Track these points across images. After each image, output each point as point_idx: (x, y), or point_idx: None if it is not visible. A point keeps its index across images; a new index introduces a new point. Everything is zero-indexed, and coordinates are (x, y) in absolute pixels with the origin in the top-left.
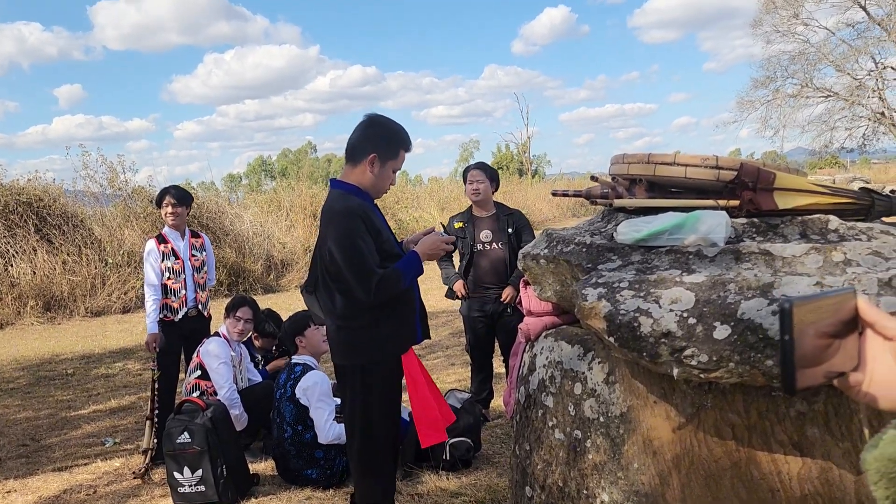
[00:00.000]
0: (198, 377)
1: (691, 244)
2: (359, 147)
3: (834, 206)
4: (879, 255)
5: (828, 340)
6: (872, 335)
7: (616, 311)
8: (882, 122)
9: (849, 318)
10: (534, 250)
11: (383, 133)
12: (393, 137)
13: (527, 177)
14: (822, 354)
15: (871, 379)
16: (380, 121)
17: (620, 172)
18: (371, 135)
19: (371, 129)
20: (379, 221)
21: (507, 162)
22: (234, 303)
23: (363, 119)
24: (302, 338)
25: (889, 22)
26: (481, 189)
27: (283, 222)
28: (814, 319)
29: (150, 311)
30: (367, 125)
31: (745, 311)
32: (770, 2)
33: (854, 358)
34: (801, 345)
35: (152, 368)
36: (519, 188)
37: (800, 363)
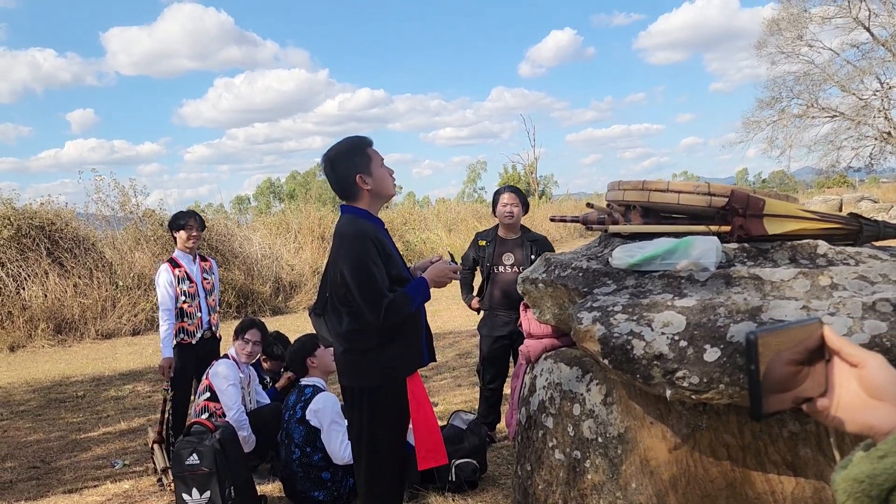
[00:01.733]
0: (207, 399)
1: (683, 269)
2: (343, 183)
3: (823, 231)
4: (865, 279)
5: (797, 367)
6: (839, 362)
7: (610, 335)
8: (889, 142)
9: (816, 346)
10: (532, 274)
11: (345, 156)
12: (353, 150)
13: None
14: (791, 380)
15: (838, 404)
16: (334, 153)
17: (616, 199)
18: (341, 167)
19: (336, 163)
20: (389, 246)
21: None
22: (243, 325)
23: (323, 165)
24: (313, 358)
25: (893, 43)
26: (515, 213)
27: (292, 244)
28: (783, 347)
29: (165, 336)
30: (331, 165)
31: (734, 333)
32: (774, 23)
33: (822, 384)
34: (772, 371)
35: (165, 389)
36: None
37: (771, 389)
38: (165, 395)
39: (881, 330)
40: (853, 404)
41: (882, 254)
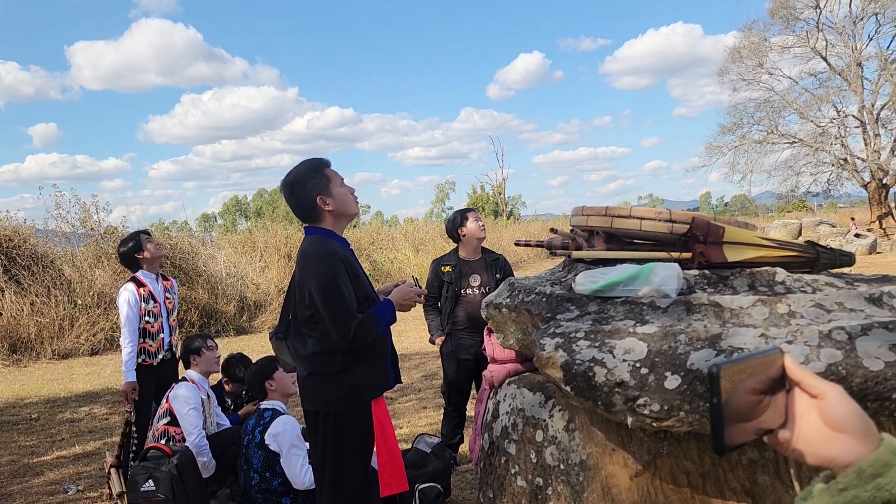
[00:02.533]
0: (167, 423)
1: (645, 295)
2: (304, 206)
3: (781, 258)
4: (822, 307)
5: (759, 397)
6: (799, 393)
7: (572, 361)
8: (845, 168)
9: (777, 376)
10: (497, 299)
11: (303, 179)
12: (311, 172)
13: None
14: (753, 410)
15: (799, 435)
16: (292, 177)
17: (580, 224)
18: (300, 191)
19: (295, 187)
20: (357, 266)
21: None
22: (200, 336)
23: (283, 191)
24: (271, 381)
25: (848, 72)
26: (485, 228)
27: (258, 263)
28: (745, 377)
29: (128, 358)
30: (291, 190)
31: (694, 361)
32: (736, 52)
33: (782, 415)
34: (734, 401)
35: (128, 411)
36: (494, 229)
37: (732, 419)
38: (128, 418)
39: (837, 358)
40: (813, 436)
41: (838, 281)
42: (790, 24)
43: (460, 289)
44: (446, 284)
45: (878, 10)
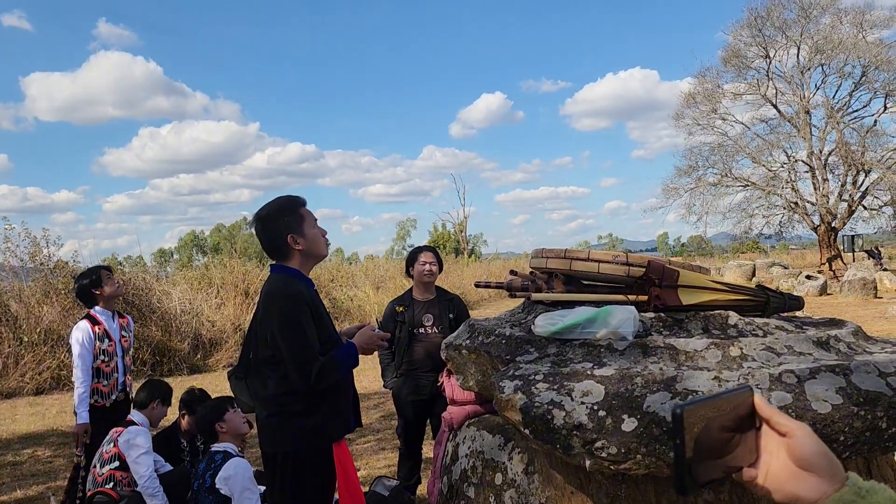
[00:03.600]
0: (115, 468)
1: (603, 337)
2: (274, 243)
3: (733, 302)
4: (772, 350)
5: (729, 434)
6: (768, 431)
7: (531, 404)
8: (796, 211)
9: (747, 414)
10: (456, 341)
11: (277, 215)
12: (285, 209)
13: (463, 256)
14: (724, 448)
15: (767, 473)
16: (266, 212)
17: (539, 266)
18: (271, 227)
19: (267, 222)
20: (321, 308)
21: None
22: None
23: (254, 224)
24: (222, 423)
25: (797, 119)
26: (433, 270)
27: (214, 300)
28: (714, 415)
29: (80, 399)
30: (263, 225)
31: (650, 404)
32: (691, 97)
33: (752, 452)
34: (705, 437)
35: (77, 455)
36: (455, 267)
37: (703, 455)
38: (77, 462)
39: (787, 401)
40: (781, 474)
41: (788, 325)
42: (742, 73)
43: (414, 328)
44: (399, 324)
45: (824, 62)
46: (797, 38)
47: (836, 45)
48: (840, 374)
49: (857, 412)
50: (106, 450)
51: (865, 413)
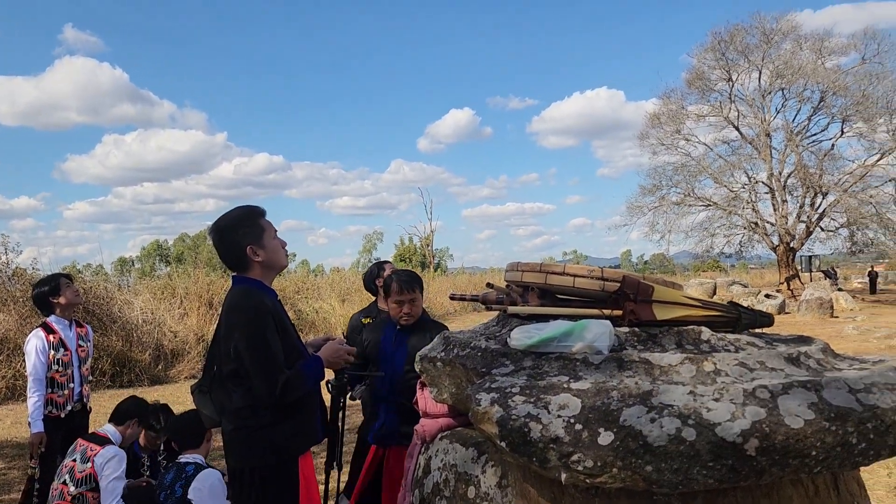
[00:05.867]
0: (89, 489)
1: (578, 351)
2: (233, 255)
3: (706, 318)
4: (745, 366)
5: None
6: None
7: (508, 417)
8: (756, 231)
9: None
10: (431, 353)
11: (236, 226)
12: (245, 220)
13: (429, 270)
14: None
15: None
16: (224, 223)
17: (515, 279)
18: (230, 237)
19: (226, 233)
20: (285, 319)
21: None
22: (152, 409)
23: (212, 235)
24: (210, 433)
25: (758, 142)
26: None
27: (177, 310)
28: None
29: (34, 408)
30: (220, 236)
31: (626, 417)
32: (655, 117)
33: None
34: None
35: (32, 467)
36: None
37: None
38: (32, 474)
39: (761, 416)
40: None
41: (758, 341)
42: (705, 95)
43: None
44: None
45: (784, 86)
46: (759, 63)
47: (796, 71)
48: (812, 390)
49: (828, 427)
50: (79, 469)
51: (836, 429)
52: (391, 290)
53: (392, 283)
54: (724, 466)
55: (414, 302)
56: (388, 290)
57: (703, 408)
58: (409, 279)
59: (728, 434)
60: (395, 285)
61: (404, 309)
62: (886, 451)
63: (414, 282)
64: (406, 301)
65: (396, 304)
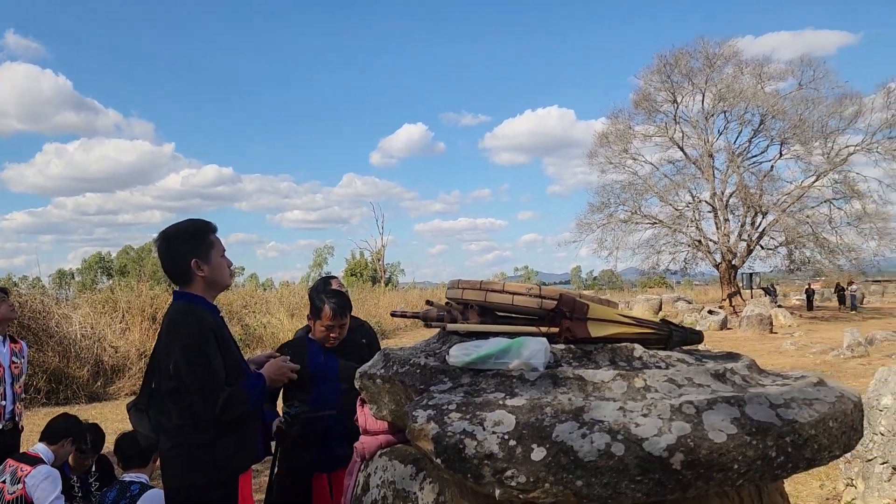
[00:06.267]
0: None
1: (515, 368)
2: (177, 266)
3: (639, 335)
4: (674, 382)
5: None
6: None
7: (443, 433)
8: (700, 249)
9: None
10: (371, 370)
11: (184, 238)
12: (195, 234)
13: (380, 285)
14: None
15: None
16: (173, 233)
17: (455, 297)
18: (177, 248)
19: (173, 243)
20: (228, 336)
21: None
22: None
23: (158, 244)
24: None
25: (702, 162)
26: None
27: (118, 324)
28: None
29: None
30: (167, 245)
31: (558, 433)
32: (604, 137)
33: None
34: None
35: None
36: (372, 296)
37: None
38: None
39: (686, 431)
40: None
41: (689, 357)
42: (651, 116)
43: None
44: None
45: (727, 109)
46: (702, 86)
47: (737, 94)
48: (735, 406)
49: (749, 441)
50: (10, 490)
51: (757, 443)
52: (323, 315)
53: (325, 308)
54: (651, 480)
55: (343, 326)
56: (320, 314)
57: (632, 423)
58: (344, 305)
59: (655, 449)
60: (329, 311)
61: (333, 333)
62: (803, 464)
63: (347, 307)
64: (337, 326)
65: (326, 328)
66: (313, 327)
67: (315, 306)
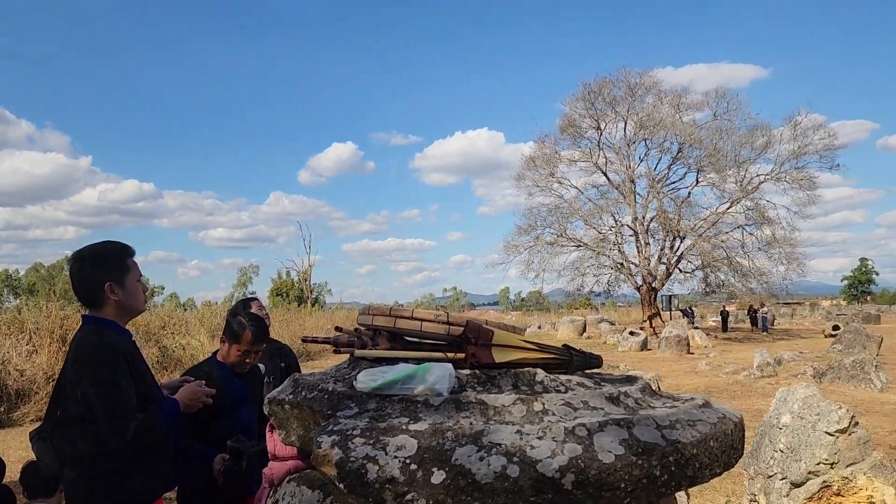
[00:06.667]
0: None
1: (420, 394)
2: (89, 289)
3: (541, 360)
4: (570, 405)
5: None
6: None
7: (346, 458)
8: (622, 271)
9: None
10: (279, 395)
11: (100, 260)
12: (111, 256)
13: (306, 305)
14: None
15: None
16: (88, 254)
17: (365, 323)
18: (90, 270)
19: (87, 265)
20: (140, 361)
21: (288, 289)
22: None
23: (71, 264)
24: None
25: (624, 187)
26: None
27: (25, 346)
28: None
29: None
30: (80, 266)
31: (458, 456)
32: (531, 160)
33: None
34: None
35: None
36: (298, 316)
37: None
38: None
39: (577, 452)
40: None
41: (588, 381)
42: (577, 141)
43: None
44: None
45: (647, 137)
46: (624, 114)
47: (657, 123)
48: (624, 427)
49: (635, 461)
50: None
51: (643, 462)
52: (243, 339)
53: (246, 332)
54: (544, 500)
55: (259, 352)
56: (239, 338)
57: (527, 445)
58: (265, 331)
59: (548, 470)
60: (251, 335)
61: (248, 359)
62: (686, 482)
63: (266, 334)
64: (254, 351)
65: (243, 353)
66: (227, 350)
67: (233, 329)
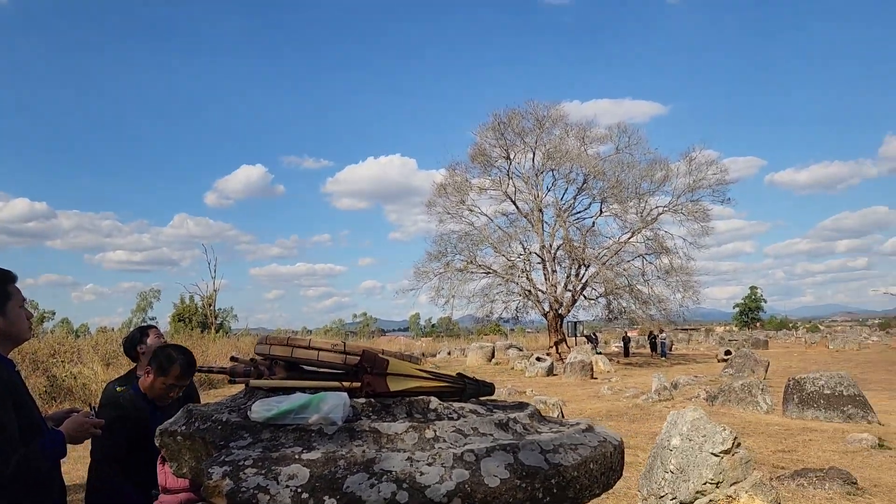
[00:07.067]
0: None
1: (314, 423)
2: None
3: (436, 388)
4: (461, 432)
5: None
6: None
7: (237, 489)
8: (530, 298)
9: None
10: (171, 427)
11: None
12: None
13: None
14: None
15: None
16: None
17: (263, 352)
18: None
19: None
20: (23, 391)
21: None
22: None
23: None
24: None
25: (532, 216)
26: None
27: None
28: None
29: None
30: None
31: (349, 484)
32: (442, 187)
33: None
34: None
35: None
36: (201, 343)
37: None
38: None
39: (465, 477)
40: None
41: (481, 408)
42: (487, 170)
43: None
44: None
45: (554, 167)
46: (533, 145)
47: (564, 155)
48: (510, 452)
49: (519, 485)
50: None
51: (526, 485)
52: (171, 372)
53: (174, 366)
54: None
55: (183, 387)
56: (167, 371)
57: (417, 472)
58: (193, 365)
59: (436, 495)
60: (179, 369)
61: (172, 392)
62: (568, 503)
63: (193, 368)
64: (179, 386)
65: (168, 387)
66: (151, 383)
67: (160, 362)
